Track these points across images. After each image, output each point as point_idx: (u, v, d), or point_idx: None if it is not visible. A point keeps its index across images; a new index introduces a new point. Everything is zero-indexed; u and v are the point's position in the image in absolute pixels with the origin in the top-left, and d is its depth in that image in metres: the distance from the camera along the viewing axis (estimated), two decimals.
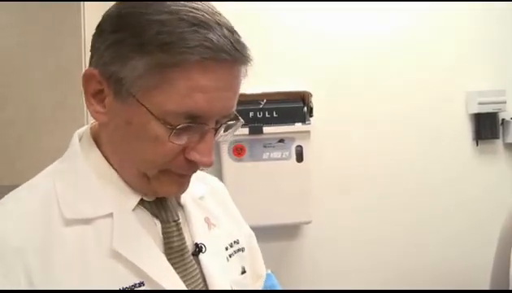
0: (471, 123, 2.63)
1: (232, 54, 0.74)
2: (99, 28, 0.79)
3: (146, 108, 0.73)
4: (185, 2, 0.74)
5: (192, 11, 0.72)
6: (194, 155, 0.77)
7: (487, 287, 1.59)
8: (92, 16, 2.18)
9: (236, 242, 1.00)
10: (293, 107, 2.33)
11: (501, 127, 2.62)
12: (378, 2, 2.55)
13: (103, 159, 0.83)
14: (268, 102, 2.33)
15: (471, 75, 2.62)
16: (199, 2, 0.75)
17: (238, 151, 2.30)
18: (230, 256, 0.96)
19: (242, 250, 1.01)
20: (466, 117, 2.63)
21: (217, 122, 0.79)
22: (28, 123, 2.07)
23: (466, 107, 2.63)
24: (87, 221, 0.77)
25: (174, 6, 0.73)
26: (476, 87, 2.58)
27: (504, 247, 1.49)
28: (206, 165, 0.79)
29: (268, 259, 2.46)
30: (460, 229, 2.58)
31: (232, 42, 0.74)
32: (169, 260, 0.82)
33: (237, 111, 0.84)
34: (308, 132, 2.36)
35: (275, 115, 2.31)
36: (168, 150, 0.76)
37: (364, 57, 2.54)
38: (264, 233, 2.43)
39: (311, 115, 2.39)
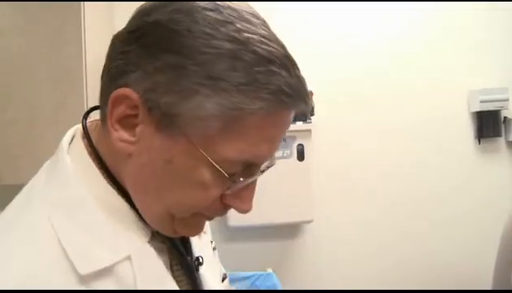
0: (473, 121, 2.63)
1: (306, 100, 0.65)
2: (139, 36, 0.62)
3: (202, 154, 0.61)
4: (250, 21, 0.61)
5: (263, 41, 0.60)
6: (235, 203, 0.67)
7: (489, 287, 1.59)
8: (91, 16, 2.19)
9: (211, 241, 0.92)
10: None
11: (503, 125, 2.62)
12: (381, 2, 2.55)
13: (108, 184, 0.68)
14: None
15: (474, 73, 2.62)
16: (257, 20, 0.63)
17: None
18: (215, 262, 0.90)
19: (215, 248, 0.92)
20: (468, 115, 2.63)
21: None
22: (29, 122, 2.07)
23: (468, 105, 2.62)
24: (104, 271, 0.64)
25: (241, 27, 0.60)
26: (478, 85, 2.58)
27: (506, 245, 1.49)
28: (245, 212, 0.68)
29: (269, 257, 2.46)
30: (461, 226, 2.58)
31: (304, 86, 0.64)
32: (178, 281, 0.73)
33: None
34: (309, 130, 2.36)
35: None
36: (210, 196, 0.65)
37: (366, 56, 2.54)
38: (265, 232, 2.45)
39: (312, 114, 2.39)
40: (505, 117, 2.61)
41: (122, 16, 2.47)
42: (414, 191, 2.56)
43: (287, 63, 0.61)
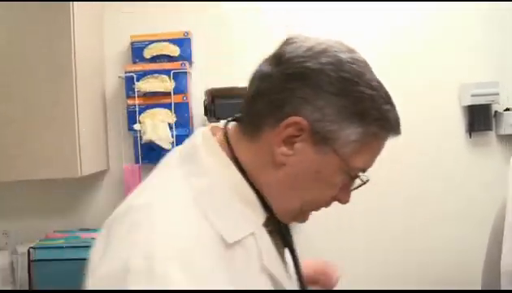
0: (464, 115, 2.64)
1: (400, 130, 0.92)
2: (304, 78, 0.85)
3: (344, 164, 0.86)
4: (371, 73, 0.89)
5: (383, 88, 0.89)
6: (344, 196, 0.93)
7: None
8: (81, 14, 2.18)
9: None
10: None
11: (493, 119, 2.63)
12: (373, 3, 2.58)
13: (242, 178, 0.88)
14: None
15: (465, 67, 2.63)
16: (371, 70, 0.90)
17: None
18: None
19: None
20: (460, 109, 2.64)
21: None
22: (23, 121, 2.07)
23: (459, 99, 2.63)
24: (238, 242, 0.82)
25: (372, 80, 0.87)
26: (469, 79, 2.59)
27: (496, 237, 1.50)
28: (347, 203, 0.94)
29: None
30: (452, 219, 2.59)
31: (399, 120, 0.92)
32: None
33: (229, 104, 0.85)
34: None
35: None
36: (334, 193, 0.91)
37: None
38: None
39: None
40: (495, 111, 2.61)
41: (111, 15, 2.44)
42: (405, 185, 2.57)
43: (392, 100, 0.90)
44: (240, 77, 2.45)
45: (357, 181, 0.93)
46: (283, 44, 0.91)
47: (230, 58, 2.57)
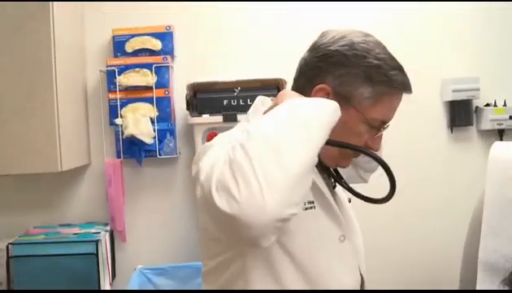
0: (446, 110, 2.66)
1: (410, 89, 1.19)
2: (327, 58, 1.15)
3: (363, 117, 1.14)
4: (382, 49, 1.17)
5: (392, 59, 1.16)
6: (373, 144, 1.19)
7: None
8: (60, 9, 2.16)
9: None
10: (268, 95, 2.30)
11: (474, 114, 2.65)
12: (362, 2, 2.59)
13: None
14: (242, 89, 2.32)
15: (446, 62, 2.65)
16: (383, 47, 1.19)
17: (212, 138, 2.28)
18: None
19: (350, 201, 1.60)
20: (441, 104, 2.66)
21: None
22: (0, 115, 2.05)
23: (440, 94, 2.65)
24: None
25: (380, 53, 1.15)
26: (451, 75, 2.61)
27: (474, 232, 1.50)
28: (377, 150, 1.20)
29: None
30: (434, 213, 2.63)
31: (409, 82, 1.18)
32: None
33: (211, 98, 0.85)
34: None
35: (249, 102, 2.29)
36: (363, 142, 1.17)
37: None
38: None
39: None
40: (476, 106, 2.64)
41: (91, 7, 2.40)
42: (388, 181, 2.57)
43: (400, 66, 1.18)
44: (221, 71, 2.45)
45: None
46: (318, 37, 1.22)
47: (212, 52, 2.56)
